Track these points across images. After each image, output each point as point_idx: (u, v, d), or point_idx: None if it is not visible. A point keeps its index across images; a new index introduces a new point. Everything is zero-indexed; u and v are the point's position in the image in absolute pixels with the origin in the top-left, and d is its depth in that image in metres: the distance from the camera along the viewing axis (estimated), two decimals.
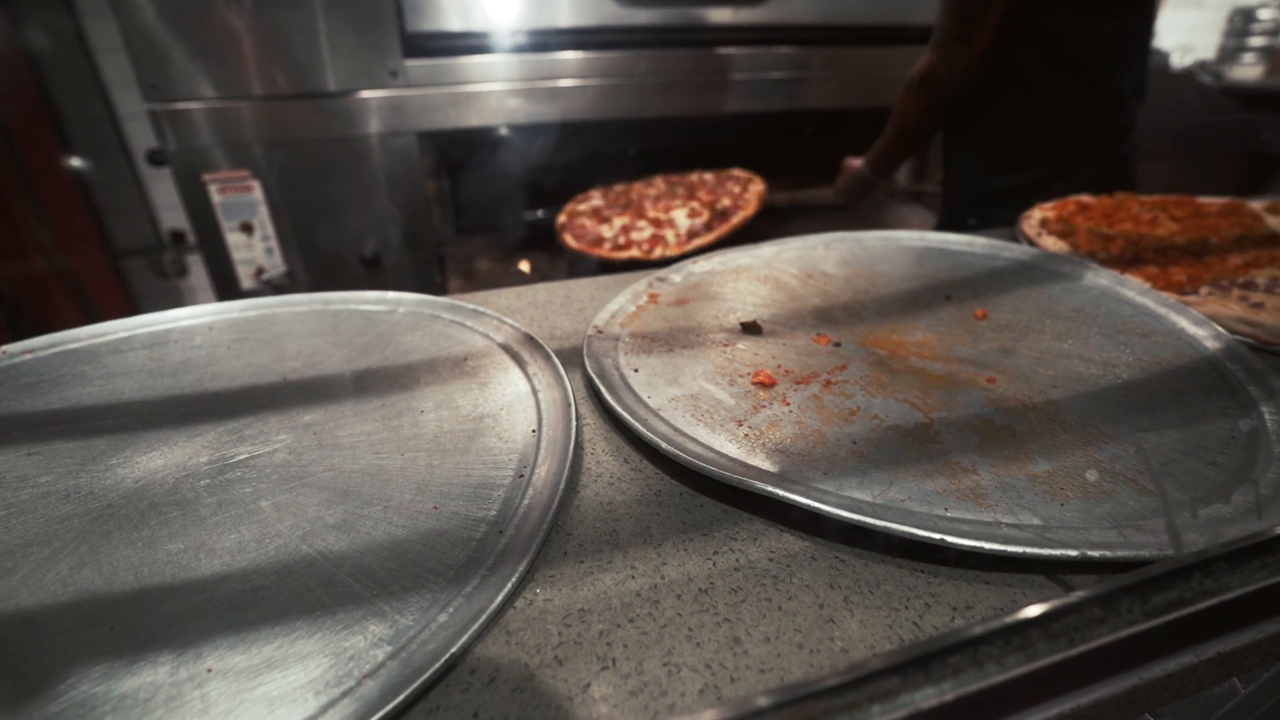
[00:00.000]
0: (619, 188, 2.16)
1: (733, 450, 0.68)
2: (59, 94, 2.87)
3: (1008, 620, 0.43)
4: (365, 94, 1.98)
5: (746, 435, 0.71)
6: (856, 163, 1.98)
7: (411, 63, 1.98)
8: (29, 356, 0.89)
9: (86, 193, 2.99)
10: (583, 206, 2.03)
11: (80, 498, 0.64)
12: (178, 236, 3.29)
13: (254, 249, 2.13)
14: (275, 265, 2.15)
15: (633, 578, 0.55)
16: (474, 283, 2.18)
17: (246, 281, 2.18)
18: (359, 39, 1.94)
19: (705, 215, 1.66)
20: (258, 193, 2.05)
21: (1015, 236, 1.32)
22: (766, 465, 0.66)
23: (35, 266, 2.48)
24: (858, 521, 0.56)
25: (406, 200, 2.10)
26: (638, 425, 0.69)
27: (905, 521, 0.55)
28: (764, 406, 0.77)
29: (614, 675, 0.47)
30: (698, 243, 1.61)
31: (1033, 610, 0.44)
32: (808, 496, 0.58)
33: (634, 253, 1.61)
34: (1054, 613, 0.44)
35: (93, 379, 0.85)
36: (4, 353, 0.88)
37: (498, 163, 2.32)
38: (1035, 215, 1.36)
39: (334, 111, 1.98)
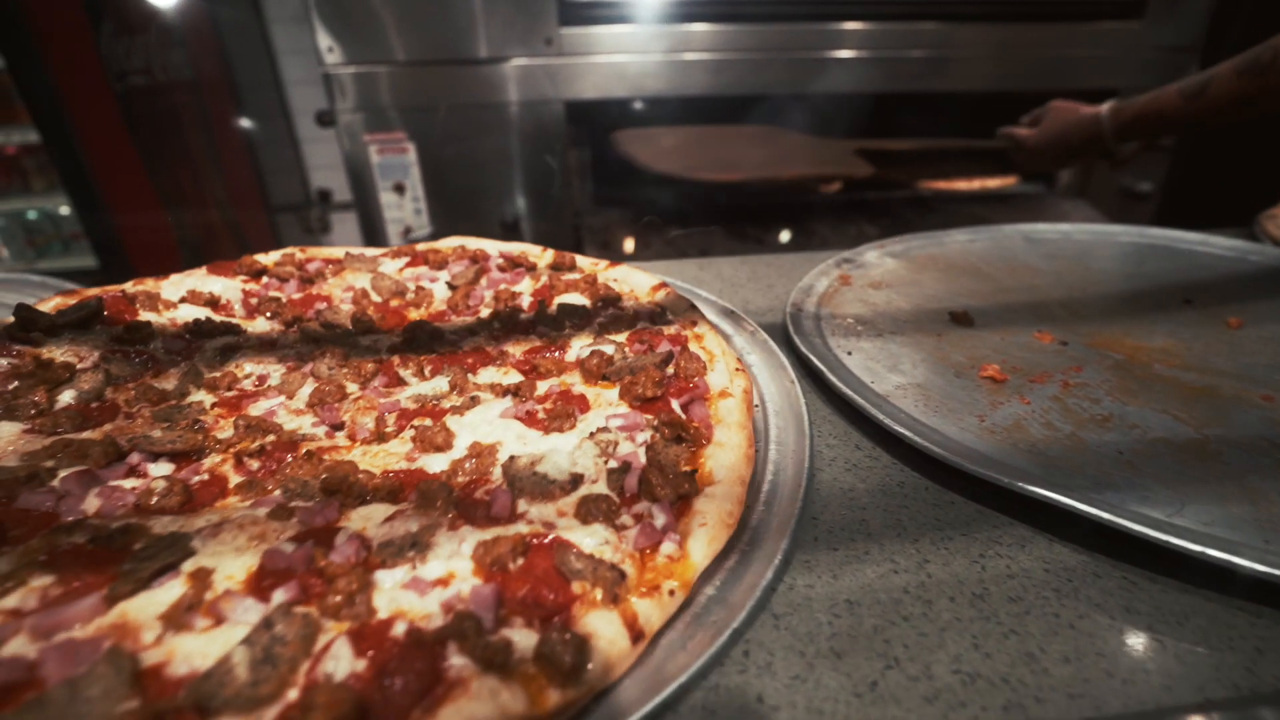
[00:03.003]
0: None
1: (980, 447, 0.62)
2: (236, 59, 3.12)
3: None
4: (520, 61, 2.01)
5: (990, 432, 0.65)
6: (1078, 109, 1.30)
7: (566, 30, 1.98)
8: None
9: (253, 151, 3.26)
10: None
11: None
12: (324, 195, 3.52)
13: (404, 209, 2.23)
14: (422, 225, 2.25)
15: (895, 572, 0.51)
16: (610, 253, 2.19)
17: (394, 240, 2.30)
18: (517, 7, 1.96)
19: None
20: (412, 155, 2.14)
21: (1255, 236, 1.15)
22: (1026, 467, 0.59)
23: (212, 217, 2.73)
24: (1165, 543, 0.49)
25: (549, 168, 2.13)
26: (876, 413, 0.64)
27: (1225, 549, 0.48)
28: (1001, 403, 0.70)
29: (900, 676, 0.44)
30: None
31: None
32: (1095, 507, 0.52)
33: None
34: None
35: None
36: None
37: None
38: None
39: (488, 78, 2.03)
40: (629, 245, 2.12)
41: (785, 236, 2.13)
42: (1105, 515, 0.51)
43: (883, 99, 2.26)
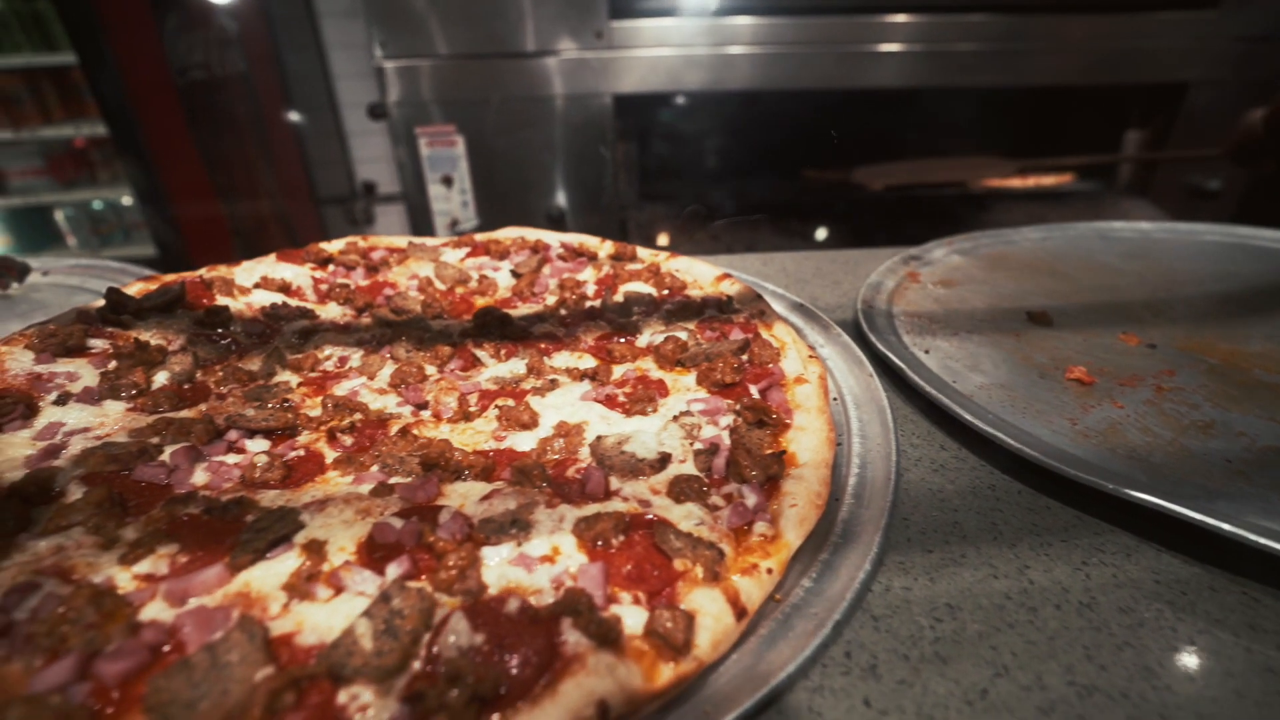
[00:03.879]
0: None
1: (1076, 451, 0.60)
2: (287, 53, 3.19)
3: None
4: (569, 54, 2.01)
5: (1085, 436, 0.62)
6: (1249, 112, 1.44)
7: (616, 24, 1.98)
8: None
9: (301, 144, 3.33)
10: None
11: None
12: (368, 188, 3.58)
13: (451, 201, 2.26)
14: (468, 218, 2.27)
15: (994, 577, 0.50)
16: (656, 248, 2.18)
17: (441, 232, 2.33)
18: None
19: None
20: (460, 147, 2.16)
21: None
22: (1128, 473, 0.57)
23: (263, 208, 2.81)
24: None
25: (595, 162, 2.13)
26: (964, 414, 0.62)
27: None
28: (1092, 406, 0.67)
29: (1011, 685, 0.42)
30: None
31: None
32: (1212, 517, 0.49)
33: None
34: None
35: None
36: None
37: (686, 131, 2.29)
38: None
39: (538, 71, 2.03)
40: (677, 240, 2.11)
41: (837, 233, 2.10)
42: (1226, 527, 0.48)
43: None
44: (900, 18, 2.09)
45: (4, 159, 2.70)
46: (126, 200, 2.78)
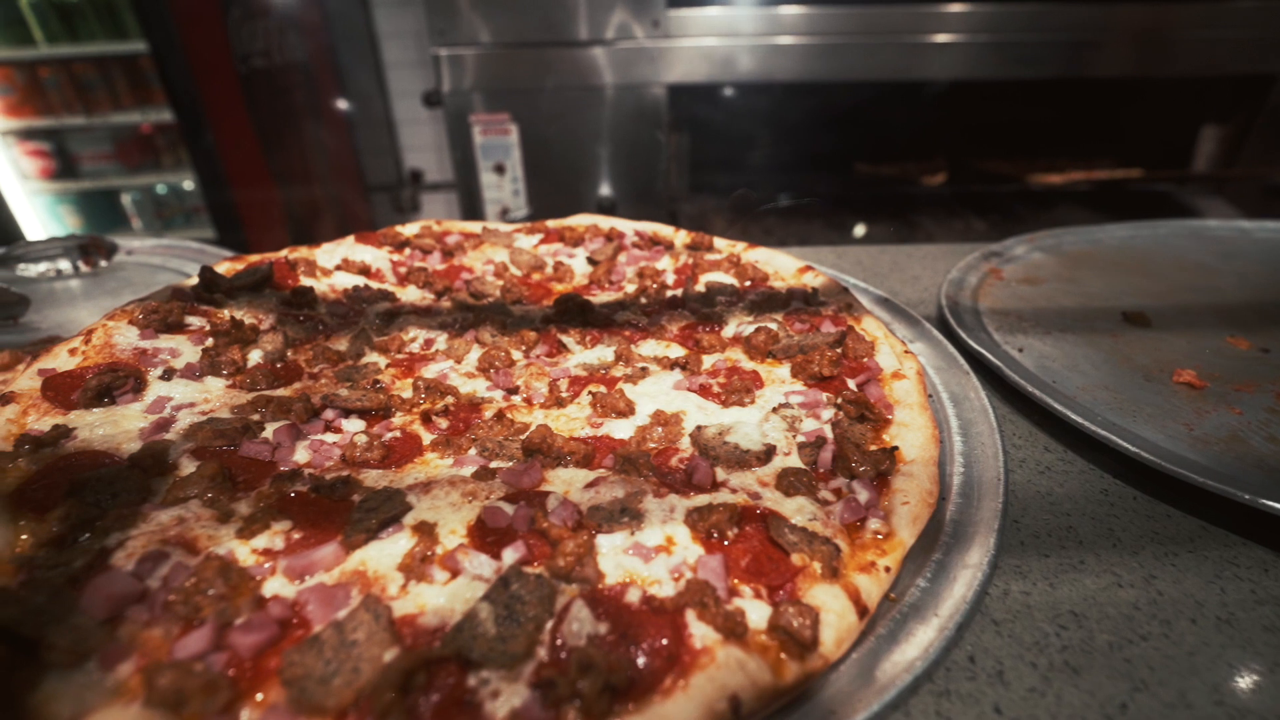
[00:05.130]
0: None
1: (1197, 458, 0.56)
2: (340, 42, 3.24)
3: None
4: (625, 44, 1.99)
5: (1203, 442, 0.59)
6: None
7: (674, 12, 1.95)
8: None
9: (352, 131, 3.39)
10: None
11: None
12: (415, 176, 3.63)
13: (503, 189, 2.27)
14: (519, 206, 2.28)
15: (1119, 586, 0.47)
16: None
17: (491, 219, 2.34)
18: None
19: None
20: (514, 136, 2.16)
21: None
22: (1261, 483, 0.53)
23: (316, 193, 2.87)
24: None
25: (647, 153, 2.12)
26: (1075, 416, 0.59)
27: None
28: (1207, 412, 0.64)
29: (1153, 701, 0.40)
30: None
31: None
32: None
33: None
34: None
35: None
36: None
37: (738, 123, 2.26)
38: None
39: (593, 61, 2.02)
40: (726, 233, 2.08)
41: (892, 228, 2.05)
42: None
43: None
44: (958, 7, 2.02)
45: (78, 144, 2.81)
46: (188, 184, 2.87)
